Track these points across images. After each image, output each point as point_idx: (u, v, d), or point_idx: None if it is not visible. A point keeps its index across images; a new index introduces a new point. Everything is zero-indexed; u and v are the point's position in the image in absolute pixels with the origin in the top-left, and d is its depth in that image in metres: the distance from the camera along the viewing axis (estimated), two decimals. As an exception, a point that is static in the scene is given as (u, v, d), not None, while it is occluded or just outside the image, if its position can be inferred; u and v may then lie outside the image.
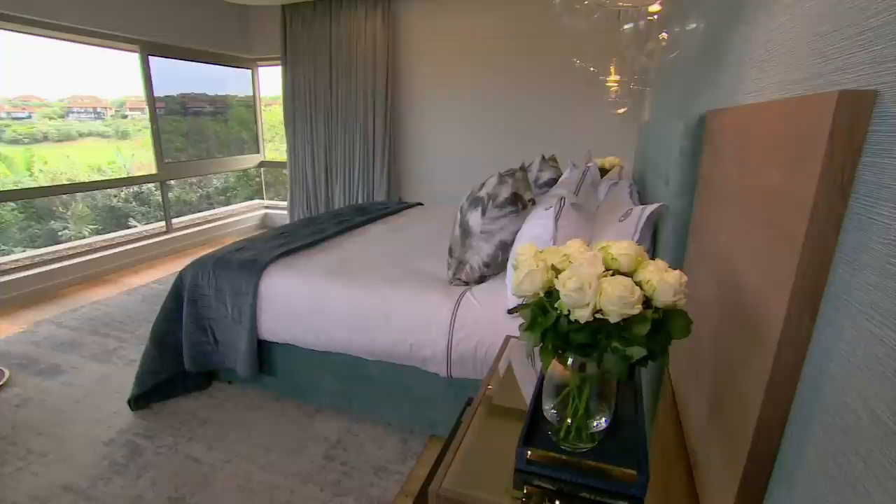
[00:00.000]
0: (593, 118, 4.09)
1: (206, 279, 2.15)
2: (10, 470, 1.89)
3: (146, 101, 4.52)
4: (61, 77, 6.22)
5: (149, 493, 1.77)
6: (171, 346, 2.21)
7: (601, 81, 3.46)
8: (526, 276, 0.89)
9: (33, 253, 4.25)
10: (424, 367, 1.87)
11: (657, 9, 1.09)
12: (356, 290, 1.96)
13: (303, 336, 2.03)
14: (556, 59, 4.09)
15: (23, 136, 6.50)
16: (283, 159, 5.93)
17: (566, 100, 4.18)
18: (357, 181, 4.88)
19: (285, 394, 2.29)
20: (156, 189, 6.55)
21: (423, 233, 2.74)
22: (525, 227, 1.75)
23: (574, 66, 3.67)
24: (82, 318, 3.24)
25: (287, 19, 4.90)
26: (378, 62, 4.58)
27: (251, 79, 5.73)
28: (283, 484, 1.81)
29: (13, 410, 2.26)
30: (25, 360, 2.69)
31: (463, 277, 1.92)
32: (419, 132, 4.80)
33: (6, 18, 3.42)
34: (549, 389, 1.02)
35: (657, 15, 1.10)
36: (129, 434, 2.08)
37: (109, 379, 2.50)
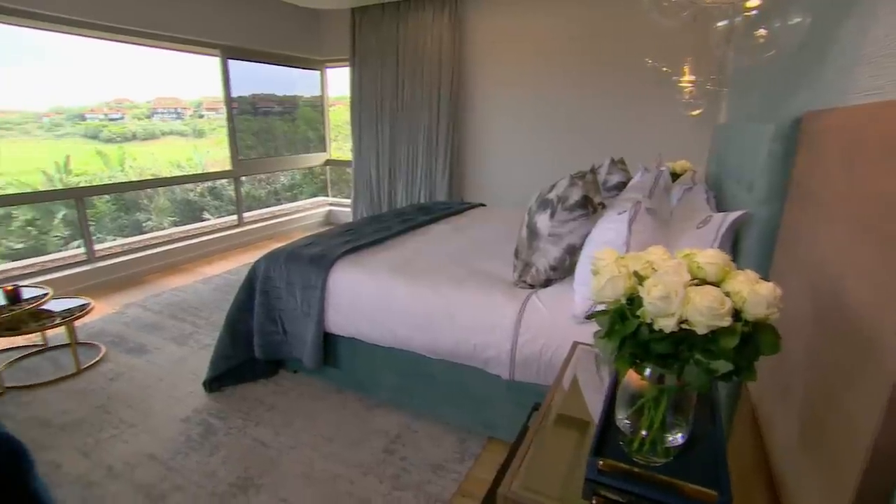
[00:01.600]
0: (662, 120, 3.94)
1: (278, 272, 2.25)
2: (106, 436, 2.06)
3: (224, 102, 4.78)
4: (148, 81, 6.71)
5: (221, 471, 1.87)
6: (242, 333, 2.33)
7: (673, 82, 3.33)
8: (608, 282, 0.87)
9: (122, 241, 4.60)
10: (487, 368, 1.87)
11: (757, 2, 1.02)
12: (421, 288, 1.98)
13: (367, 331, 2.08)
14: (624, 59, 3.97)
15: (116, 135, 7.06)
16: (348, 158, 6.11)
17: (634, 101, 4.05)
18: (419, 181, 4.95)
19: (347, 386, 2.35)
20: (228, 184, 6.93)
21: (486, 233, 2.73)
22: (595, 232, 1.71)
23: (645, 66, 3.55)
24: (163, 303, 3.47)
25: (356, 22, 5.04)
26: (444, 63, 4.62)
27: (320, 80, 5.94)
28: (344, 473, 1.86)
29: (108, 383, 2.46)
30: (117, 339, 2.93)
31: (528, 280, 1.90)
32: (482, 133, 4.80)
33: (108, 29, 3.72)
34: (623, 399, 0.99)
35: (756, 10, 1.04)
36: (203, 414, 2.21)
37: (186, 361, 2.67)
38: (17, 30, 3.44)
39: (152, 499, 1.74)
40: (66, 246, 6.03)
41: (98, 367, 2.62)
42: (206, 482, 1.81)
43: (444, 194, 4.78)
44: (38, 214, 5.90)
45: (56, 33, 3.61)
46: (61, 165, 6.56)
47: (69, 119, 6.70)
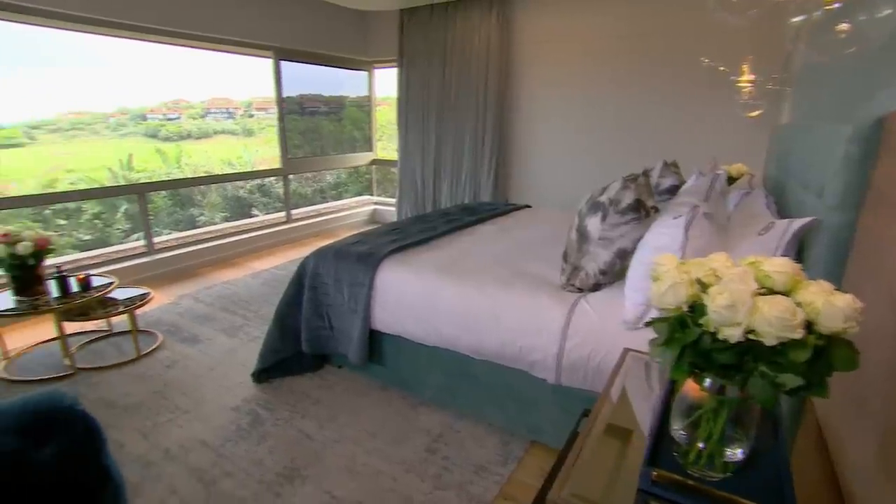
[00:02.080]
0: (716, 121, 3.79)
1: (327, 269, 2.30)
2: (163, 420, 2.17)
3: (275, 102, 4.92)
4: (203, 82, 7.02)
5: (268, 460, 1.93)
6: (290, 328, 2.40)
7: (730, 82, 3.20)
8: (670, 289, 0.85)
9: (177, 235, 4.82)
10: (532, 372, 1.85)
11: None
12: (467, 288, 1.99)
13: (412, 330, 2.10)
14: (676, 58, 3.85)
15: (173, 134, 7.41)
16: (393, 158, 6.18)
17: (686, 101, 3.92)
18: (464, 181, 4.96)
19: (391, 383, 2.38)
20: (276, 182, 7.15)
21: (533, 235, 2.71)
22: (648, 236, 1.67)
23: (698, 65, 3.43)
24: (215, 296, 3.61)
25: (404, 22, 5.09)
26: (491, 64, 4.61)
27: (367, 80, 6.03)
28: (386, 470, 1.88)
29: (165, 370, 2.59)
30: (173, 328, 3.07)
31: (577, 284, 1.87)
32: (527, 134, 4.76)
33: (170, 34, 3.90)
34: (680, 409, 0.96)
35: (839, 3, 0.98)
36: (252, 404, 2.28)
37: (236, 352, 2.77)
38: (88, 37, 3.66)
39: (205, 483, 1.81)
40: (127, 238, 6.38)
41: (155, 354, 2.76)
42: (254, 470, 1.87)
43: (489, 195, 4.77)
44: (104, 209, 6.26)
45: (122, 39, 3.81)
46: (125, 163, 6.94)
47: (132, 119, 7.07)
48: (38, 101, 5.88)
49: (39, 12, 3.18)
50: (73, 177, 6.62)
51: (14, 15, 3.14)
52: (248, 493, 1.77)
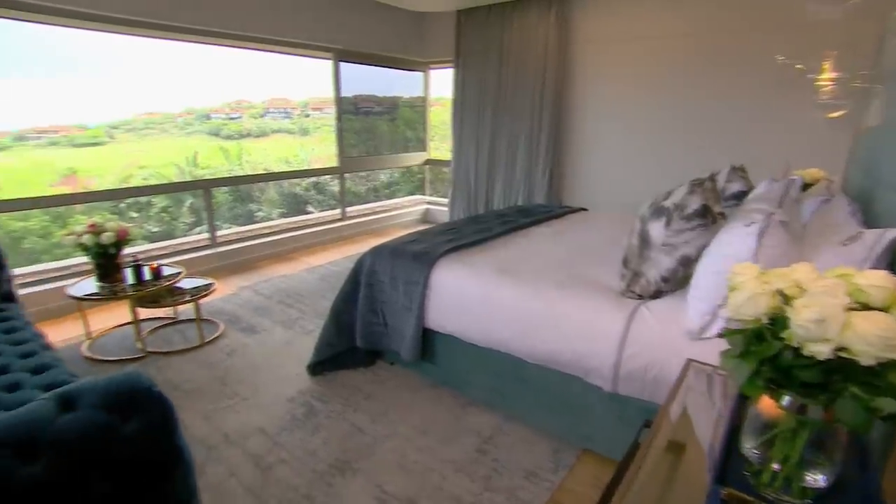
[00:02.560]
0: (788, 123, 3.57)
1: (383, 266, 2.34)
2: (223, 406, 2.27)
3: (333, 102, 5.05)
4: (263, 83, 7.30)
5: (321, 451, 1.98)
6: (346, 323, 2.45)
7: (807, 80, 3.01)
8: (749, 299, 0.81)
9: (237, 229, 5.04)
10: (587, 378, 1.81)
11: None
12: (523, 291, 1.97)
13: (466, 330, 2.10)
14: (747, 56, 3.64)
15: (234, 132, 7.75)
16: (445, 157, 6.21)
17: (755, 102, 3.71)
18: (518, 182, 4.92)
19: (442, 382, 2.39)
20: (331, 180, 7.33)
21: (589, 239, 2.65)
22: (715, 243, 1.60)
23: (770, 63, 3.25)
24: (272, 289, 3.75)
25: (461, 23, 5.10)
26: (548, 63, 4.54)
27: (423, 81, 6.09)
28: (436, 468, 1.89)
29: (225, 358, 2.71)
30: (233, 318, 3.21)
31: (637, 290, 1.81)
32: (584, 135, 4.66)
33: (237, 38, 4.08)
34: (753, 427, 0.92)
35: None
36: (307, 395, 2.35)
37: (292, 344, 2.86)
38: (161, 42, 3.89)
39: (261, 468, 1.88)
40: (190, 231, 6.73)
41: (217, 342, 2.89)
42: (308, 460, 1.93)
43: (543, 196, 4.71)
44: (171, 203, 6.63)
45: (190, 44, 4.02)
46: (190, 160, 7.32)
47: (197, 119, 7.45)
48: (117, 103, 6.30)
49: (121, 21, 3.40)
50: (144, 173, 7.06)
51: (100, 25, 3.38)
52: (302, 481, 1.82)
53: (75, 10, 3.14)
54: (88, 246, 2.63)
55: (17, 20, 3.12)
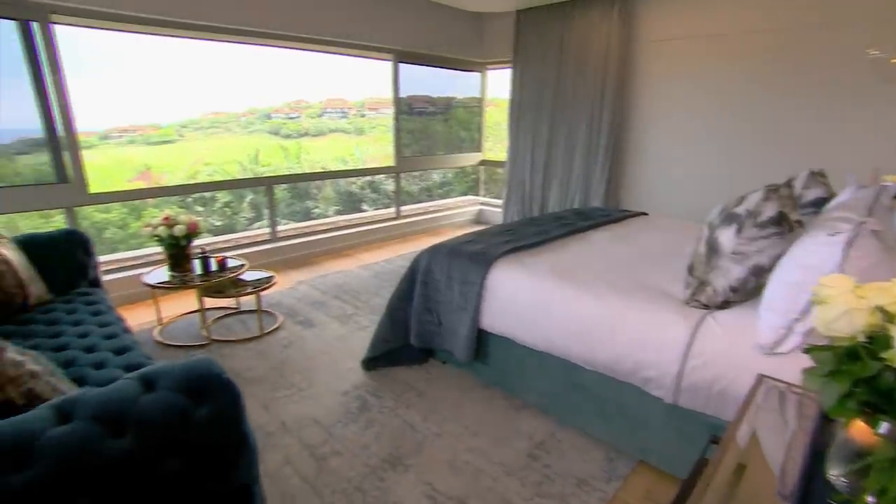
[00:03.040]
0: (877, 124, 3.30)
1: (439, 265, 2.35)
2: (280, 396, 2.35)
3: (392, 103, 5.14)
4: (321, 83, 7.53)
5: (374, 445, 2.01)
6: (400, 320, 2.48)
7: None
8: (843, 315, 0.75)
9: (294, 225, 5.21)
10: (646, 388, 1.75)
11: None
12: (582, 296, 1.93)
13: (521, 333, 2.08)
14: (833, 52, 3.39)
15: (293, 132, 8.04)
16: (500, 158, 6.18)
17: (838, 102, 3.45)
18: (574, 185, 4.83)
19: (494, 383, 2.38)
20: (385, 179, 7.46)
21: (651, 244, 2.56)
22: (794, 253, 1.50)
23: (857, 62, 3.03)
24: (328, 284, 3.85)
25: (520, 23, 5.06)
26: (609, 63, 4.43)
27: (480, 81, 6.09)
28: (487, 469, 1.88)
29: (283, 349, 2.81)
30: (290, 311, 3.32)
31: (703, 300, 1.74)
32: (646, 137, 4.51)
33: (302, 40, 4.21)
34: (842, 453, 0.85)
35: None
36: (360, 390, 2.40)
37: (346, 339, 2.93)
38: (226, 45, 4.07)
39: (316, 458, 1.94)
40: (250, 226, 7.03)
41: (275, 333, 3.00)
42: (360, 453, 1.97)
43: (601, 200, 4.60)
44: (233, 198, 6.95)
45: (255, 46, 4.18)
46: (252, 157, 7.64)
47: (259, 118, 7.78)
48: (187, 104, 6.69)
49: (191, 26, 3.58)
50: (209, 169, 7.44)
51: (172, 30, 3.57)
52: (354, 473, 1.86)
53: (150, 18, 3.34)
54: (162, 237, 2.79)
55: (101, 30, 3.36)
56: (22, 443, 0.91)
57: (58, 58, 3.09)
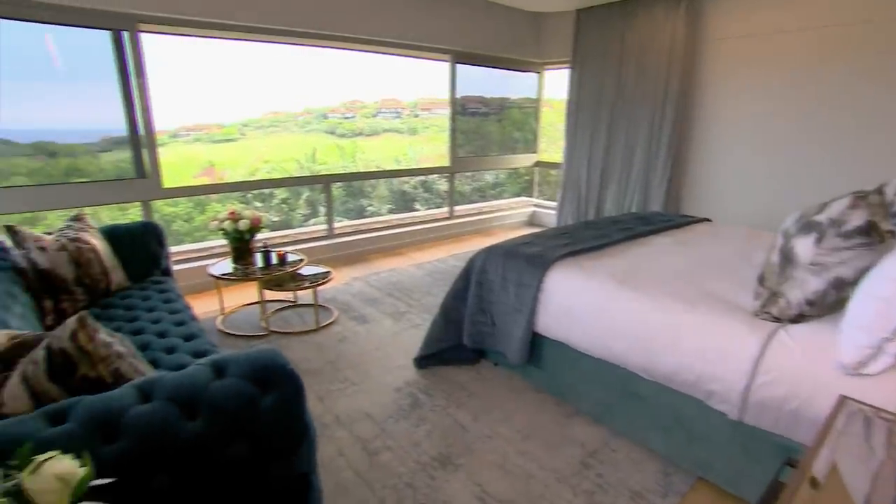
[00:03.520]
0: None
1: (494, 266, 2.34)
2: (334, 389, 2.41)
3: (449, 103, 5.16)
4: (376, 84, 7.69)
5: (425, 442, 2.03)
6: (454, 320, 2.49)
7: None
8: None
9: (350, 223, 5.33)
10: (708, 402, 1.67)
11: None
12: (643, 302, 1.87)
13: (577, 338, 2.04)
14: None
15: (348, 131, 8.25)
16: (554, 160, 6.09)
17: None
18: (632, 189, 4.69)
19: (546, 388, 2.35)
20: (438, 179, 7.52)
21: (716, 252, 2.45)
22: (883, 266, 1.40)
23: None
24: (382, 281, 3.92)
25: (580, 22, 4.97)
26: (673, 62, 4.27)
27: (537, 82, 6.02)
28: (538, 475, 1.86)
29: (337, 343, 2.88)
30: (345, 306, 3.40)
31: (774, 312, 1.64)
32: (709, 141, 4.32)
33: (353, 40, 4.28)
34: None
35: None
36: (412, 387, 2.43)
37: (399, 336, 2.97)
38: (286, 47, 4.21)
39: (368, 452, 1.97)
40: (306, 222, 7.26)
41: (331, 327, 3.08)
42: (411, 450, 1.99)
43: (660, 204, 4.44)
44: (290, 195, 7.21)
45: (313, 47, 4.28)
46: (309, 156, 7.90)
47: (315, 118, 8.02)
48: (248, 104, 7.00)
49: (255, 29, 3.73)
50: (268, 166, 7.75)
51: (238, 34, 3.73)
52: (405, 469, 1.88)
53: (220, 23, 3.51)
54: (228, 231, 2.93)
55: (173, 35, 3.55)
56: (111, 418, 0.98)
57: (143, 63, 3.32)
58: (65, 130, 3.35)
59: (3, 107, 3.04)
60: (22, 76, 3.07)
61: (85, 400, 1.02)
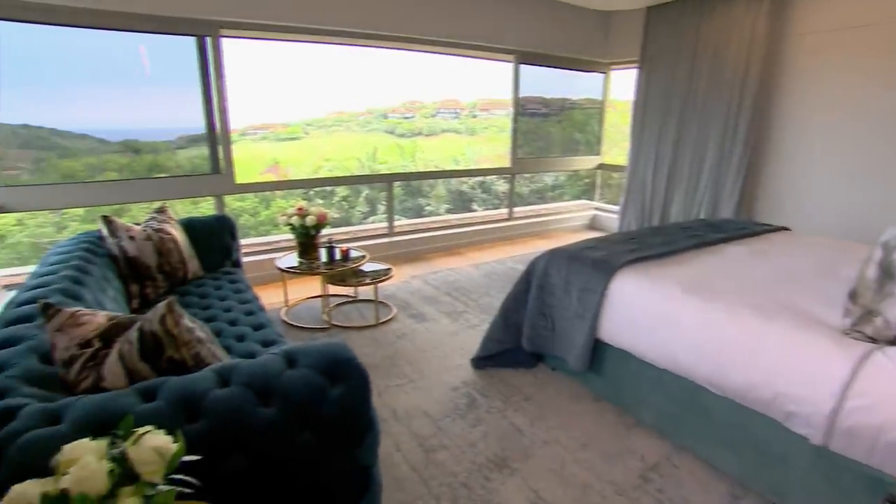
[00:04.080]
0: None
1: (557, 270, 2.30)
2: (392, 385, 2.45)
3: (512, 104, 5.13)
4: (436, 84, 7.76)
5: (480, 443, 2.02)
6: (514, 322, 2.47)
7: None
8: None
9: (409, 221, 5.41)
10: (786, 423, 1.57)
11: None
12: (715, 313, 1.78)
13: (642, 347, 1.97)
14: None
15: (407, 131, 8.38)
16: (617, 163, 5.91)
17: None
18: (701, 194, 4.47)
19: (606, 396, 2.28)
20: (496, 180, 7.48)
21: (797, 264, 2.29)
22: None
23: None
24: (440, 281, 3.95)
25: (650, 20, 4.80)
26: (752, 61, 4.03)
27: (602, 83, 5.87)
28: (595, 485, 1.81)
29: (396, 339, 2.93)
30: (404, 304, 3.45)
31: (868, 332, 1.51)
32: (792, 144, 4.04)
33: (416, 42, 4.31)
34: None
35: None
36: (469, 387, 2.43)
37: (456, 335, 2.98)
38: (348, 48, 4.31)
39: (424, 449, 1.99)
40: (364, 220, 7.43)
41: (389, 324, 3.13)
42: (467, 450, 1.99)
43: (731, 211, 4.21)
44: (350, 193, 7.40)
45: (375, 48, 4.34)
46: (370, 155, 8.08)
47: (376, 118, 8.20)
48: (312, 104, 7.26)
49: (323, 31, 3.84)
50: (330, 165, 8.01)
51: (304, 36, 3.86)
52: (460, 469, 1.88)
53: (293, 26, 3.65)
54: (295, 226, 3.04)
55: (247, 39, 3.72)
56: (194, 399, 1.04)
57: (222, 66, 3.51)
58: (147, 129, 3.61)
59: (98, 109, 3.32)
60: (114, 80, 3.34)
61: (171, 380, 1.09)
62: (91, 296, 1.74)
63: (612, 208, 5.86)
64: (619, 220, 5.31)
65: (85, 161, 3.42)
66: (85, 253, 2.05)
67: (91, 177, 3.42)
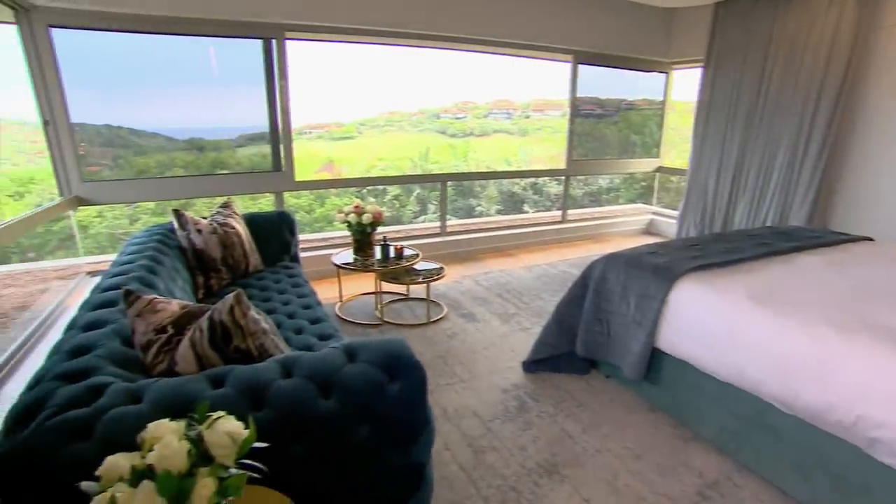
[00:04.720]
0: None
1: (615, 275, 2.24)
2: (443, 383, 2.46)
3: (569, 104, 5.03)
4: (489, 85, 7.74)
5: (530, 447, 2.00)
6: (568, 327, 2.42)
7: None
8: None
9: (461, 221, 5.42)
10: (869, 451, 1.45)
11: None
12: (786, 326, 1.67)
13: (705, 359, 1.88)
14: None
15: (459, 131, 8.40)
16: (677, 166, 5.69)
17: None
18: (769, 200, 4.22)
19: (662, 408, 2.20)
20: (549, 181, 7.38)
21: (880, 276, 2.12)
22: None
23: None
24: (491, 282, 3.93)
25: (718, 17, 4.57)
26: (833, 56, 3.75)
27: (664, 83, 5.66)
28: (649, 498, 1.75)
29: (447, 339, 2.94)
30: (455, 303, 3.46)
31: (965, 352, 1.38)
32: (878, 148, 3.72)
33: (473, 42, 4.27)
34: None
35: None
36: (520, 390, 2.40)
37: (507, 337, 2.95)
38: (402, 49, 4.32)
39: (473, 449, 1.99)
40: (416, 219, 7.51)
41: (440, 323, 3.15)
42: (517, 453, 1.97)
43: (802, 219, 3.95)
44: (401, 192, 7.50)
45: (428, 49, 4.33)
46: (423, 154, 8.16)
47: (428, 118, 8.26)
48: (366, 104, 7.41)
49: (380, 33, 3.89)
50: (383, 164, 8.15)
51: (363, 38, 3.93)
52: (510, 472, 1.87)
53: (350, 28, 3.72)
54: (352, 223, 3.11)
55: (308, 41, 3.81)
56: (260, 388, 1.08)
57: (286, 67, 3.64)
58: (210, 128, 3.79)
59: (168, 108, 3.53)
60: (183, 81, 3.53)
61: (237, 369, 1.14)
62: (163, 285, 1.85)
63: (671, 213, 5.65)
64: (677, 225, 5.10)
65: (156, 158, 3.64)
66: (158, 244, 2.18)
67: (161, 173, 3.63)
